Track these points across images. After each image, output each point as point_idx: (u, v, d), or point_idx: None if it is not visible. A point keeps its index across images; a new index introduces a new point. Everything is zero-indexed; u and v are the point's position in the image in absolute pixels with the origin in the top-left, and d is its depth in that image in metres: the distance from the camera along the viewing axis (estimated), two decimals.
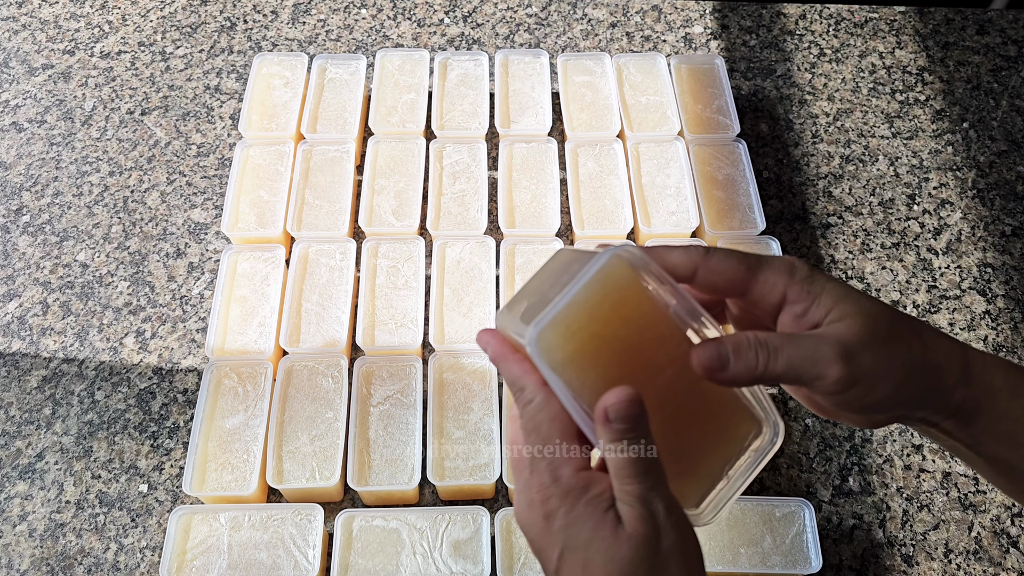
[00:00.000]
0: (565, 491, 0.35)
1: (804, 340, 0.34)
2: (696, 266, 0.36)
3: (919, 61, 0.92)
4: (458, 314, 0.71)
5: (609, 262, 0.35)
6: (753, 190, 0.77)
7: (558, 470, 0.35)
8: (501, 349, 0.38)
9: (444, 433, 0.65)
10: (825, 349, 0.34)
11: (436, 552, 0.60)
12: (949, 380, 0.36)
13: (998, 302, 0.76)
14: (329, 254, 0.74)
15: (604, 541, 0.34)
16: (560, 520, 0.35)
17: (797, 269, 0.36)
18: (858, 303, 0.35)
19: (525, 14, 0.95)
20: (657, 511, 0.34)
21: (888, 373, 0.35)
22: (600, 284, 0.35)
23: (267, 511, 0.61)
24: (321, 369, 0.67)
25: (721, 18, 0.96)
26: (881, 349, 0.34)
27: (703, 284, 0.37)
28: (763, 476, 0.66)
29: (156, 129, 0.86)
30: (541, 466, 0.35)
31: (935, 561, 0.63)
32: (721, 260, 0.36)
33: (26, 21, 0.94)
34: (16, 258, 0.77)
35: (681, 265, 0.36)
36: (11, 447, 0.67)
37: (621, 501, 0.34)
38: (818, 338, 0.34)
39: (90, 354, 0.71)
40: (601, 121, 0.82)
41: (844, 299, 0.35)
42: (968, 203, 0.82)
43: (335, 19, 0.95)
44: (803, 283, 0.35)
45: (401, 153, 0.80)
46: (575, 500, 0.34)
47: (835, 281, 0.36)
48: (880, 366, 0.34)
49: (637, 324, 0.36)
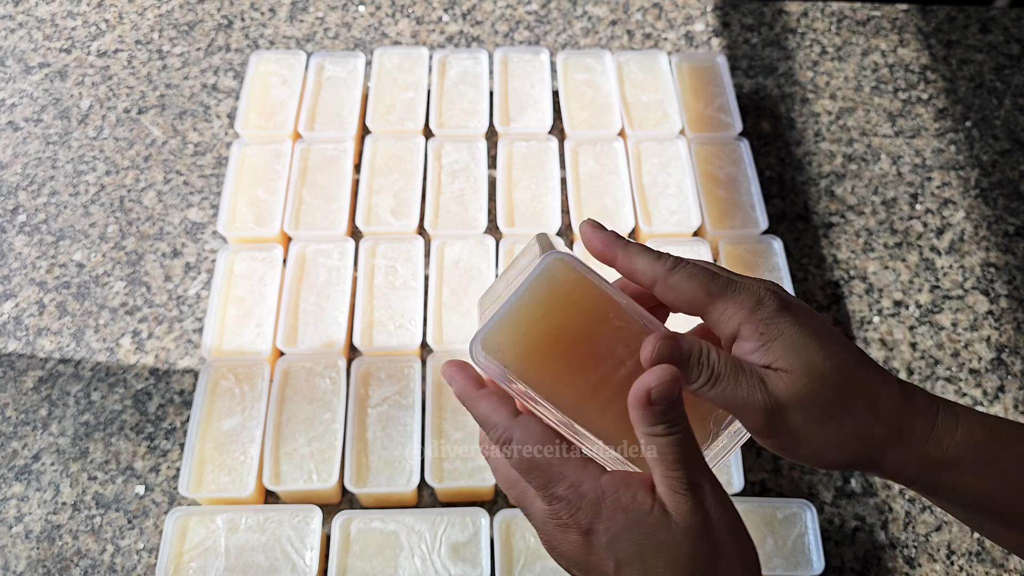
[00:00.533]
0: (595, 503, 0.33)
1: (743, 381, 0.33)
2: (656, 279, 0.35)
3: (922, 59, 0.92)
4: (457, 314, 0.70)
5: (550, 264, 0.34)
6: (755, 189, 0.77)
7: (580, 487, 0.33)
8: (465, 385, 0.36)
9: (443, 434, 0.64)
10: (758, 396, 0.33)
11: (435, 554, 0.59)
12: (896, 456, 0.35)
13: (1001, 302, 0.75)
14: (327, 254, 0.73)
15: (662, 545, 0.32)
16: (603, 535, 0.32)
17: (762, 306, 0.34)
18: (808, 360, 0.33)
19: (525, 11, 0.95)
20: (705, 495, 0.32)
21: (814, 437, 0.34)
22: (546, 282, 0.34)
23: (264, 513, 0.61)
24: (319, 370, 0.67)
25: (723, 16, 0.95)
26: (814, 414, 0.34)
27: (663, 299, 0.36)
28: (765, 478, 0.66)
29: (153, 128, 0.85)
30: (560, 490, 0.33)
31: (937, 563, 0.63)
32: (683, 279, 0.35)
33: (22, 19, 0.93)
34: (12, 258, 0.76)
35: (642, 272, 0.35)
36: (7, 448, 0.66)
37: (670, 490, 0.32)
38: (759, 383, 0.33)
39: (86, 355, 0.71)
40: (602, 119, 0.82)
41: (795, 351, 0.33)
42: (971, 202, 0.81)
43: (333, 17, 0.94)
44: (760, 323, 0.34)
45: (400, 152, 0.79)
46: (612, 510, 0.32)
47: (796, 327, 0.34)
48: (807, 430, 0.34)
49: (590, 316, 0.35)
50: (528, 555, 0.59)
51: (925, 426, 0.35)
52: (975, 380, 0.71)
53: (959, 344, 0.73)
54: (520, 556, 0.59)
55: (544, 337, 0.34)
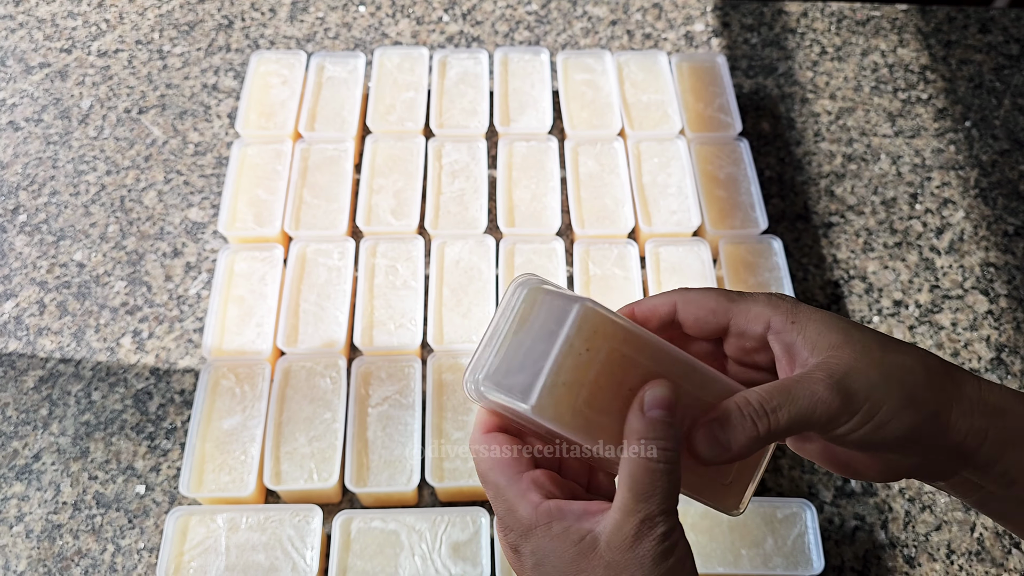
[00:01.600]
0: (526, 528, 0.33)
1: (797, 388, 0.33)
2: (675, 302, 0.36)
3: (921, 59, 0.92)
4: (457, 314, 0.70)
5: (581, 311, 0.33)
6: (755, 189, 0.77)
7: (516, 511, 0.33)
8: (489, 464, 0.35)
9: (443, 434, 0.64)
10: (819, 389, 0.32)
11: (435, 554, 0.59)
12: (961, 406, 0.34)
13: (1000, 302, 0.75)
14: (327, 253, 0.73)
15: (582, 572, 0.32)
16: (528, 558, 0.33)
17: (781, 302, 0.35)
18: (845, 332, 0.34)
19: (525, 11, 0.95)
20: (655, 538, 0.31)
21: (887, 394, 0.33)
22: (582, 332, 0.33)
23: (265, 512, 0.61)
24: (319, 369, 0.67)
25: (722, 16, 0.95)
26: (874, 371, 0.33)
27: (684, 318, 0.36)
28: (765, 477, 0.66)
29: (153, 128, 0.85)
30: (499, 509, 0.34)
31: (937, 562, 0.63)
32: (700, 293, 0.36)
33: (23, 19, 0.93)
34: (13, 258, 0.76)
35: (661, 303, 0.36)
36: (8, 448, 0.66)
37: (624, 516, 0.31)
38: (810, 379, 0.33)
39: (87, 354, 0.71)
40: (602, 119, 0.82)
41: (830, 329, 0.34)
42: (971, 202, 0.82)
43: (333, 17, 0.94)
44: (787, 313, 0.34)
45: (400, 152, 0.79)
46: (540, 536, 0.33)
47: (821, 311, 0.35)
48: (877, 388, 0.33)
49: (637, 361, 0.34)
50: None
51: (971, 376, 0.35)
52: None
53: (959, 344, 0.73)
54: None
55: (593, 392, 0.33)
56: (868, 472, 0.37)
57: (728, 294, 0.35)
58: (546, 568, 0.33)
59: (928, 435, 0.34)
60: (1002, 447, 0.34)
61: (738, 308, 0.35)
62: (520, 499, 0.33)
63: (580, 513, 0.32)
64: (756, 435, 0.32)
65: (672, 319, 0.36)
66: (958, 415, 0.34)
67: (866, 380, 0.33)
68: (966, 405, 0.34)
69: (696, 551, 0.60)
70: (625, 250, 0.74)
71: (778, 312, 0.34)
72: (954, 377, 0.34)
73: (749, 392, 0.33)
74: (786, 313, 0.34)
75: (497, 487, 0.34)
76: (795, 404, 0.32)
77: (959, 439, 0.34)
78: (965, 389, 0.34)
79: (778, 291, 0.71)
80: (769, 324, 0.35)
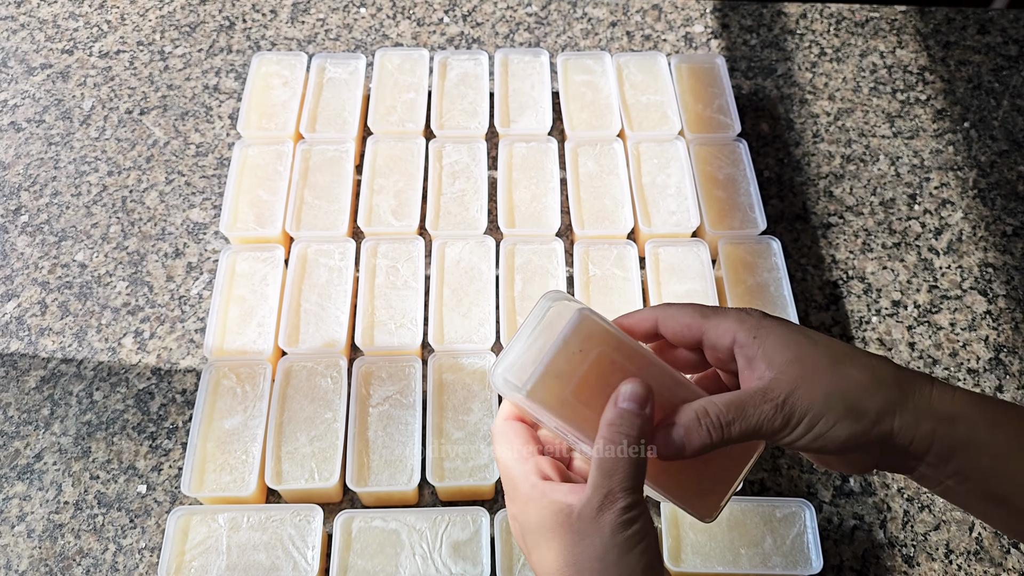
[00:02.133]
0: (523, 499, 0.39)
1: (750, 405, 0.37)
2: (656, 316, 0.41)
3: (920, 60, 0.92)
4: (457, 314, 0.70)
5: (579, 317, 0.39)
6: (754, 190, 0.77)
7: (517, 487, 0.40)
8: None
9: (443, 434, 0.64)
10: (766, 408, 0.37)
11: (435, 553, 0.60)
12: (906, 416, 0.37)
13: (999, 302, 0.76)
14: (328, 254, 0.73)
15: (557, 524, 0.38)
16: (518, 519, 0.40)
17: (748, 317, 0.39)
18: (799, 348, 0.38)
19: (525, 13, 0.95)
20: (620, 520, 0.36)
21: (827, 408, 0.37)
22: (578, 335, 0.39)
23: (266, 512, 0.61)
24: (320, 369, 0.67)
25: (722, 17, 0.95)
26: (818, 388, 0.37)
27: (665, 331, 0.41)
28: (764, 477, 0.66)
29: (155, 129, 0.85)
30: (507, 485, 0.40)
31: (936, 562, 0.63)
32: (678, 309, 0.40)
33: (24, 20, 0.94)
34: (14, 258, 0.77)
35: (644, 318, 0.41)
36: (9, 447, 0.67)
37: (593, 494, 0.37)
38: (761, 398, 0.37)
39: (88, 354, 0.71)
40: (601, 120, 0.82)
41: (787, 345, 0.38)
42: (969, 203, 0.82)
43: (334, 18, 0.94)
44: (751, 329, 0.39)
45: (400, 153, 0.80)
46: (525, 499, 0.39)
47: (783, 327, 0.39)
48: (817, 404, 0.37)
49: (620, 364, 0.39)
50: None
51: (925, 383, 0.38)
52: (973, 380, 0.71)
53: (957, 344, 0.73)
54: (521, 555, 0.60)
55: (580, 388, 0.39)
56: (838, 466, 0.42)
57: (703, 310, 0.40)
58: (533, 535, 0.39)
59: (873, 440, 0.37)
60: (951, 450, 0.38)
61: (709, 324, 0.40)
62: (522, 478, 0.39)
63: (565, 491, 0.38)
64: (709, 442, 0.37)
65: (655, 331, 0.41)
66: (902, 422, 0.37)
67: (808, 398, 0.37)
68: (910, 412, 0.37)
69: (695, 550, 0.60)
70: (624, 251, 0.74)
71: (743, 328, 0.39)
72: (903, 387, 0.38)
73: (709, 403, 0.38)
74: (750, 329, 0.39)
75: (506, 466, 0.40)
76: (746, 421, 0.37)
77: (906, 443, 0.38)
78: (913, 398, 0.38)
79: (776, 291, 0.71)
80: (735, 339, 0.39)
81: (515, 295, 0.71)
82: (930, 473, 0.39)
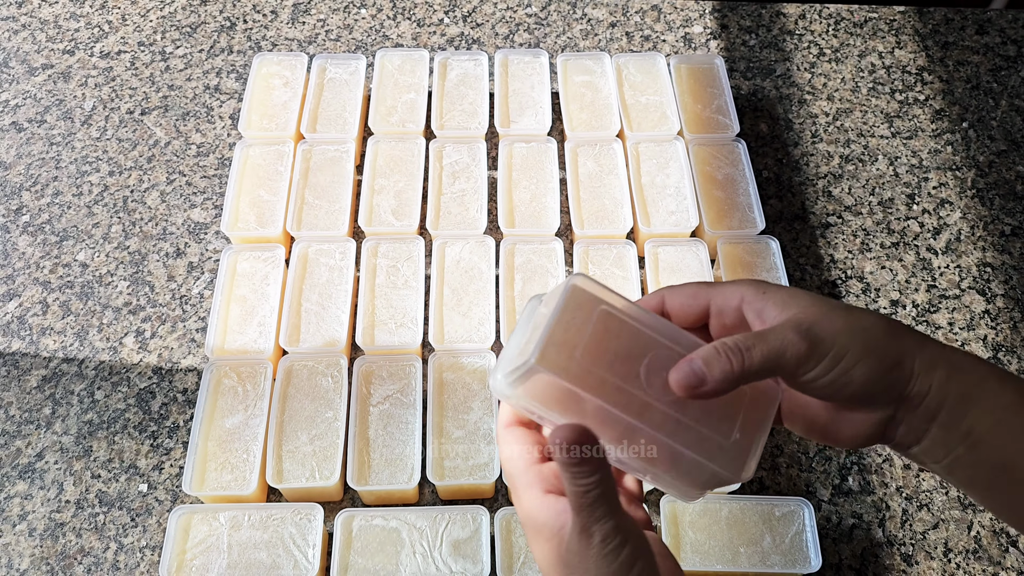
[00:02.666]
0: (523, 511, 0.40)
1: (769, 332, 0.36)
2: (662, 296, 0.41)
3: (918, 61, 0.92)
4: (458, 314, 0.71)
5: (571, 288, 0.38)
6: (753, 190, 0.78)
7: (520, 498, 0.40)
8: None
9: (444, 433, 0.65)
10: (789, 334, 0.36)
11: (436, 551, 0.60)
12: (924, 351, 0.37)
13: (997, 302, 0.76)
14: (329, 254, 0.74)
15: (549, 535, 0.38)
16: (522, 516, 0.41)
17: (754, 281, 0.40)
18: (808, 297, 0.38)
19: (525, 14, 0.95)
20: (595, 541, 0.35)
21: (852, 342, 0.36)
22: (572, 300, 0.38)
23: (267, 510, 0.61)
24: (321, 369, 0.67)
25: (721, 18, 0.96)
26: (840, 323, 0.36)
27: (671, 306, 0.41)
28: (762, 476, 0.67)
29: (156, 129, 0.86)
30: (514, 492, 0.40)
31: (934, 560, 0.63)
32: (685, 285, 0.41)
33: (26, 21, 0.94)
34: (16, 258, 0.77)
35: (650, 298, 0.41)
36: (11, 447, 0.67)
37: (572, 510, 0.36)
38: (781, 327, 0.36)
39: (90, 354, 0.71)
40: (601, 121, 0.82)
41: (797, 295, 0.38)
42: (967, 203, 0.82)
43: (335, 19, 0.95)
44: (758, 286, 0.39)
45: (401, 153, 0.80)
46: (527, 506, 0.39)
47: (786, 288, 0.39)
48: (842, 335, 0.36)
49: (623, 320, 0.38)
50: (529, 552, 0.60)
51: (932, 339, 0.38)
52: None
53: (956, 343, 0.74)
54: (520, 553, 0.60)
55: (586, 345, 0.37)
56: (845, 434, 0.39)
57: (707, 282, 0.41)
58: (533, 547, 0.39)
59: (892, 384, 0.37)
60: (965, 403, 0.37)
61: (716, 289, 0.40)
62: (525, 490, 0.39)
63: (560, 510, 0.37)
64: (731, 369, 0.35)
65: (662, 311, 0.41)
66: (920, 366, 0.37)
67: (832, 329, 0.36)
68: (927, 357, 0.37)
69: (694, 549, 0.60)
70: (624, 250, 0.74)
71: (751, 287, 0.39)
72: (915, 335, 0.38)
73: (727, 337, 0.36)
74: (757, 286, 0.39)
75: (511, 477, 0.40)
76: (767, 344, 0.35)
77: (923, 391, 0.37)
78: (927, 345, 0.37)
79: None
80: (743, 297, 0.39)
81: (515, 295, 0.72)
82: (941, 437, 0.37)
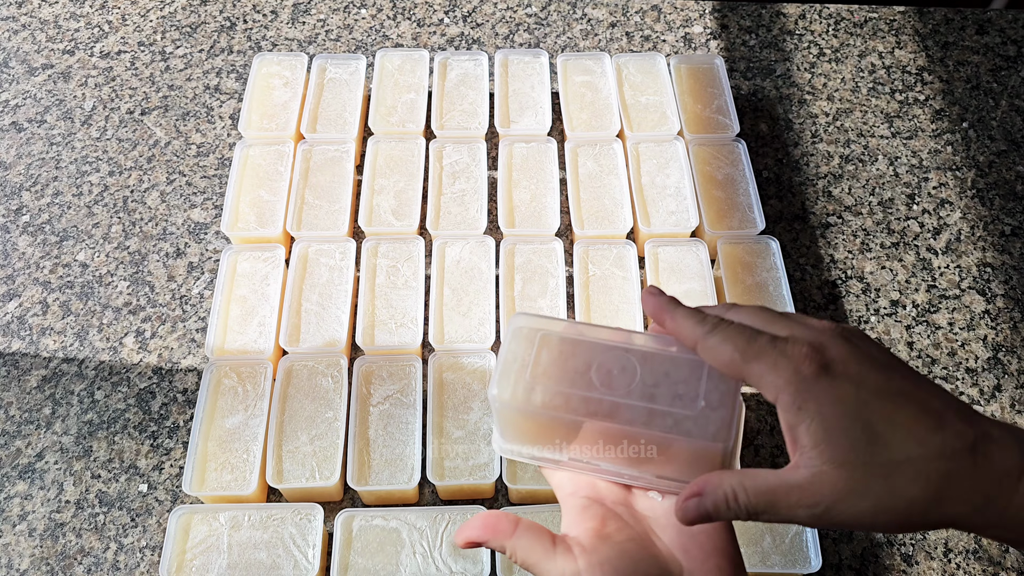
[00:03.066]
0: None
1: (783, 503, 0.34)
2: (696, 342, 0.36)
3: (918, 61, 0.92)
4: (458, 314, 0.71)
5: (514, 330, 0.40)
6: (753, 190, 0.78)
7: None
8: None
9: (444, 433, 0.65)
10: (800, 514, 0.33)
11: (436, 551, 0.60)
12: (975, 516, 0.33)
13: (997, 302, 0.76)
14: (329, 254, 0.74)
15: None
16: None
17: (799, 374, 0.33)
18: (848, 444, 0.32)
19: (525, 14, 0.95)
20: None
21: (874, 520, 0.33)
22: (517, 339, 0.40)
23: (267, 511, 0.61)
24: (321, 369, 0.67)
25: (721, 18, 0.96)
26: (865, 501, 0.32)
27: (703, 357, 0.37)
28: None
29: (156, 129, 0.86)
30: None
31: (935, 560, 0.63)
32: (719, 343, 0.35)
33: (26, 21, 0.94)
34: (16, 258, 0.77)
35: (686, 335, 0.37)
36: (11, 447, 0.67)
37: None
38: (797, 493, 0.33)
39: (90, 354, 0.71)
40: (601, 121, 0.82)
41: (836, 434, 0.32)
42: (968, 203, 0.82)
43: (335, 19, 0.95)
44: (795, 395, 0.33)
45: (401, 153, 0.80)
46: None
47: (834, 401, 0.33)
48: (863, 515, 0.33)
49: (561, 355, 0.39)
50: None
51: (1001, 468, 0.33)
52: (972, 379, 0.72)
53: (956, 343, 0.74)
54: None
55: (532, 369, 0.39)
56: None
57: (745, 349, 0.34)
58: None
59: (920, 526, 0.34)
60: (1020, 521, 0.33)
61: (751, 370, 0.34)
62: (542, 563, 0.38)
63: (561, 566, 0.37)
64: (733, 517, 0.35)
65: None
66: (966, 524, 0.33)
67: (851, 512, 0.33)
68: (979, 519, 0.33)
69: None
70: (624, 250, 0.74)
71: (787, 390, 0.33)
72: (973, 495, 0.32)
73: (739, 486, 0.34)
74: (794, 394, 0.33)
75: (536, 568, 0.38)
76: (776, 515, 0.34)
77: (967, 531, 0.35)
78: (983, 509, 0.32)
79: (775, 291, 0.72)
80: (778, 399, 0.34)
81: (515, 295, 0.72)
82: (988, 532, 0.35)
